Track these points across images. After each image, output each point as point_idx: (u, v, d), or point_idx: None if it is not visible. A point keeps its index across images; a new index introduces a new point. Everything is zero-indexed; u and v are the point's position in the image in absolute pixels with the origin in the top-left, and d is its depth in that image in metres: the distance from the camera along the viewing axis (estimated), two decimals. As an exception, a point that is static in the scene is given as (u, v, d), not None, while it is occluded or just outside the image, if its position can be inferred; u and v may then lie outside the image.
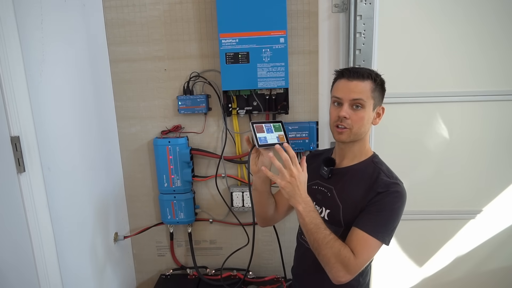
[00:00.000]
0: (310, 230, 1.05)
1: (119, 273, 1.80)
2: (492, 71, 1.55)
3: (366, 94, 1.11)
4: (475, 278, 1.77)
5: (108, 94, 1.72)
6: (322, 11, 1.53)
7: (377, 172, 1.13)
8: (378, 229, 1.06)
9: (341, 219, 1.14)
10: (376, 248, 1.07)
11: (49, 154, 1.27)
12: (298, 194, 1.04)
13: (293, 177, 1.04)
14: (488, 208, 1.68)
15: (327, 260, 1.03)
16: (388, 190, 1.08)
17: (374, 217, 1.08)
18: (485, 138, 1.61)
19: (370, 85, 1.11)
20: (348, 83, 1.12)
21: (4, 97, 1.07)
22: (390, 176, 1.13)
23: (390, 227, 1.09)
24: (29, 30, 1.21)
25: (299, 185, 1.05)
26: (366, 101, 1.11)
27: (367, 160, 1.18)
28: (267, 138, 1.11)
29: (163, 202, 1.75)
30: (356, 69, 1.14)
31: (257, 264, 1.85)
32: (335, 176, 1.20)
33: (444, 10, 1.51)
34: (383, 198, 1.08)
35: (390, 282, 1.80)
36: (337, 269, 1.02)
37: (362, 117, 1.11)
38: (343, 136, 1.13)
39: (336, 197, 1.16)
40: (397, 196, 1.09)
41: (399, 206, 1.09)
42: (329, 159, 1.23)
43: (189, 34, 1.66)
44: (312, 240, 1.05)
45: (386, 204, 1.08)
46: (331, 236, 1.04)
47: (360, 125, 1.12)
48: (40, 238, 1.19)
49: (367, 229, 1.06)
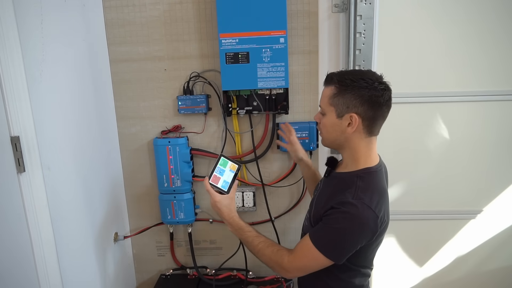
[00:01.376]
0: (245, 244, 1.19)
1: (119, 273, 1.80)
2: (492, 71, 1.55)
3: (324, 101, 1.09)
4: (476, 278, 1.77)
5: (108, 94, 1.72)
6: (322, 11, 1.53)
7: (349, 187, 1.06)
8: (322, 243, 1.03)
9: (311, 220, 1.15)
10: (318, 259, 1.04)
11: (49, 154, 1.27)
12: (222, 217, 1.21)
13: (215, 202, 1.20)
14: (488, 208, 1.68)
15: (266, 264, 1.15)
16: (340, 209, 1.01)
17: (323, 230, 1.05)
18: (486, 138, 1.61)
19: (332, 91, 1.06)
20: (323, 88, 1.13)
21: (4, 97, 1.07)
22: (356, 195, 1.02)
23: (337, 245, 1.03)
24: (29, 30, 1.21)
25: (221, 208, 1.19)
26: (324, 108, 1.09)
27: (354, 172, 1.10)
28: (225, 179, 1.24)
29: (163, 202, 1.75)
30: (330, 74, 1.10)
31: (257, 264, 1.84)
32: (327, 179, 1.21)
33: (444, 10, 1.51)
34: (333, 213, 1.03)
35: (390, 282, 1.80)
36: (277, 269, 1.12)
37: (324, 123, 1.11)
38: (321, 140, 1.18)
39: (315, 199, 1.19)
40: (346, 217, 1.00)
41: (348, 227, 1.00)
42: (332, 159, 1.23)
43: (189, 34, 1.66)
44: (250, 251, 1.19)
45: (331, 221, 1.03)
46: (260, 246, 1.14)
47: (325, 131, 1.12)
48: (40, 238, 1.19)
49: (313, 239, 1.05)
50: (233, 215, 1.20)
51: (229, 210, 1.20)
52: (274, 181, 1.75)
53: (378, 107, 1.04)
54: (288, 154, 1.72)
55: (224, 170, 1.24)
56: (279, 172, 1.76)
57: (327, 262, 1.04)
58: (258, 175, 1.72)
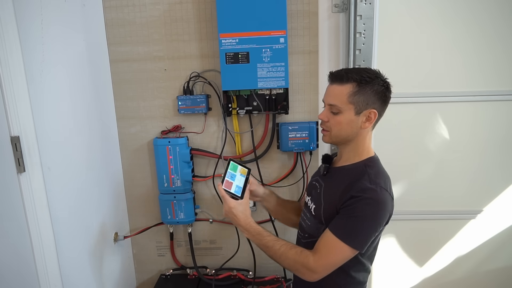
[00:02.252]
0: (263, 249, 1.14)
1: (119, 273, 1.80)
2: (492, 71, 1.55)
3: (341, 99, 1.08)
4: (476, 278, 1.77)
5: (108, 94, 1.72)
6: (322, 11, 1.53)
7: (361, 176, 1.09)
8: (345, 232, 1.05)
9: (321, 217, 1.14)
10: (344, 252, 1.05)
11: (49, 154, 1.27)
12: (238, 223, 1.16)
13: (226, 212, 1.17)
14: (488, 208, 1.68)
15: (290, 268, 1.11)
16: (362, 196, 1.04)
17: (345, 221, 1.06)
18: (486, 138, 1.61)
19: (350, 89, 1.07)
20: (329, 87, 1.12)
21: (4, 97, 1.07)
22: (372, 181, 1.07)
23: (362, 233, 1.05)
24: (29, 30, 1.21)
25: (237, 214, 1.15)
26: (341, 106, 1.08)
27: (360, 162, 1.14)
28: (238, 184, 1.21)
29: (163, 202, 1.75)
30: (339, 72, 1.11)
31: (257, 264, 1.84)
32: (329, 174, 1.21)
33: (444, 10, 1.51)
34: (354, 202, 1.05)
35: (390, 282, 1.80)
36: (302, 272, 1.08)
37: (339, 121, 1.10)
38: (325, 138, 1.16)
39: (322, 194, 1.17)
40: (369, 202, 1.04)
41: (372, 213, 1.05)
42: (327, 156, 1.24)
43: (189, 34, 1.66)
44: (270, 256, 1.13)
45: (356, 210, 1.04)
46: (282, 249, 1.10)
47: (338, 128, 1.11)
48: (40, 238, 1.19)
49: (336, 232, 1.05)
50: (250, 220, 1.16)
51: (245, 216, 1.16)
52: (274, 181, 1.75)
53: (387, 102, 1.12)
54: (288, 154, 1.72)
55: (235, 175, 1.21)
56: (279, 172, 1.76)
57: (352, 253, 1.06)
58: (258, 175, 1.72)
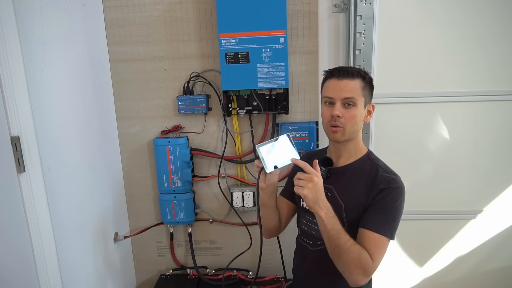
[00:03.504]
0: (331, 236, 1.04)
1: (119, 273, 1.80)
2: (492, 71, 1.55)
3: (357, 92, 1.11)
4: (476, 278, 1.76)
5: (108, 94, 1.72)
6: (322, 11, 1.53)
7: (375, 169, 1.15)
8: (385, 227, 1.08)
9: (344, 218, 1.13)
10: (386, 245, 1.09)
11: (49, 154, 1.27)
12: (321, 200, 1.04)
13: (314, 183, 1.03)
14: (489, 208, 1.68)
15: (346, 265, 1.04)
16: (390, 187, 1.10)
17: (380, 215, 1.09)
18: (486, 138, 1.61)
19: (360, 83, 1.12)
20: (339, 82, 1.12)
21: (4, 97, 1.07)
22: (388, 171, 1.15)
23: (395, 222, 1.11)
24: (29, 30, 1.21)
25: (320, 190, 1.04)
26: (357, 99, 1.11)
27: (363, 157, 1.19)
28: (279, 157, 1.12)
29: (163, 202, 1.75)
30: (344, 68, 1.15)
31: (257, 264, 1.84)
32: (333, 176, 1.19)
33: (444, 10, 1.51)
34: (386, 195, 1.09)
35: (391, 282, 1.80)
36: (357, 273, 1.03)
37: (354, 115, 1.12)
38: (337, 135, 1.14)
39: (338, 196, 1.16)
40: (398, 192, 1.10)
41: (401, 201, 1.11)
42: (326, 159, 1.23)
43: (189, 34, 1.66)
44: (333, 246, 1.04)
45: (389, 201, 1.09)
46: (350, 242, 1.04)
47: (353, 123, 1.13)
48: (40, 238, 1.19)
49: (376, 229, 1.07)
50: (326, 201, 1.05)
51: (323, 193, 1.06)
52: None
53: None
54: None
55: None
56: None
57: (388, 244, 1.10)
58: (258, 175, 1.71)
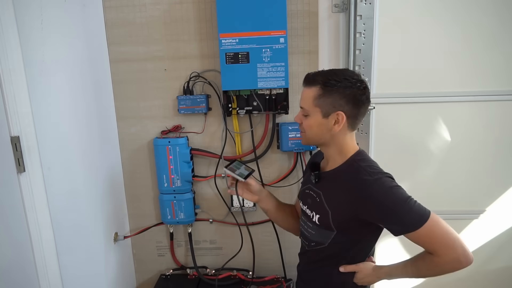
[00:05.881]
0: (413, 277, 1.16)
1: (119, 273, 1.80)
2: (493, 71, 1.55)
3: (307, 102, 1.10)
4: (478, 278, 1.76)
5: (108, 94, 1.72)
6: (322, 11, 1.54)
7: (357, 172, 1.07)
8: (414, 216, 1.01)
9: (331, 224, 1.12)
10: (434, 224, 1.03)
11: (49, 154, 1.27)
12: (376, 278, 1.16)
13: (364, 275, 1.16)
14: (491, 208, 1.67)
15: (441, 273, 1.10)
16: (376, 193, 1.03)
17: (399, 214, 1.02)
18: (488, 137, 1.61)
19: (315, 92, 1.07)
20: (303, 89, 1.13)
21: (4, 97, 1.07)
22: (371, 173, 1.06)
23: (411, 202, 1.04)
24: (29, 30, 1.21)
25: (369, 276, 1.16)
26: (308, 109, 1.10)
27: (349, 160, 1.13)
28: (242, 172, 1.29)
29: (163, 202, 1.75)
30: (308, 75, 1.11)
31: (257, 264, 1.84)
32: (322, 180, 1.18)
33: (445, 10, 1.51)
34: (382, 200, 1.02)
35: (393, 282, 1.80)
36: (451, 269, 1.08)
37: (309, 124, 1.11)
38: (302, 140, 1.18)
39: (324, 202, 1.15)
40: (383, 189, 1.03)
41: (393, 191, 1.04)
42: (314, 163, 1.24)
43: (189, 34, 1.66)
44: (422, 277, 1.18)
45: (388, 203, 1.02)
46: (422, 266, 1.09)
47: (310, 131, 1.12)
48: (40, 238, 1.19)
49: (413, 226, 1.01)
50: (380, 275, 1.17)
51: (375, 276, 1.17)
52: (274, 181, 1.75)
53: (361, 104, 1.09)
54: (288, 154, 1.72)
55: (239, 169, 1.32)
56: (279, 172, 1.76)
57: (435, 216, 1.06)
58: (258, 175, 1.72)
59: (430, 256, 1.05)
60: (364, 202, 1.04)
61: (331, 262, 1.18)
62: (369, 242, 1.18)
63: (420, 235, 1.02)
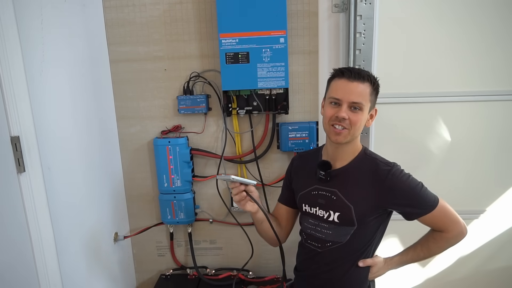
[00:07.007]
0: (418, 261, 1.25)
1: (119, 273, 1.80)
2: (494, 71, 1.54)
3: (365, 97, 1.10)
4: (479, 278, 1.76)
5: (108, 94, 1.72)
6: (322, 11, 1.53)
7: (374, 163, 1.17)
8: (430, 199, 1.15)
9: (353, 219, 1.14)
10: (442, 200, 1.18)
11: (49, 154, 1.27)
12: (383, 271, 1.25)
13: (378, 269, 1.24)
14: (491, 208, 1.67)
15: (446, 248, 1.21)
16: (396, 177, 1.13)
17: (419, 198, 1.14)
18: (488, 138, 1.61)
19: (369, 88, 1.11)
20: (348, 84, 1.10)
21: (4, 97, 1.07)
22: (387, 163, 1.17)
23: (424, 187, 1.17)
24: (29, 30, 1.21)
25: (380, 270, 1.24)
26: (364, 104, 1.10)
27: (360, 155, 1.20)
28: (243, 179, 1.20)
29: (163, 202, 1.75)
30: (356, 70, 1.13)
31: (257, 264, 1.84)
32: (334, 178, 1.19)
33: (445, 9, 1.50)
34: (401, 187, 1.13)
35: (393, 282, 1.80)
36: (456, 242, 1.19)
37: (359, 119, 1.11)
38: (340, 137, 1.12)
39: (344, 199, 1.15)
40: (403, 174, 1.15)
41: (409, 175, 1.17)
42: (324, 162, 1.21)
43: (189, 34, 1.66)
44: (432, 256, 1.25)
45: (406, 187, 1.13)
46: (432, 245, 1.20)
47: (357, 126, 1.12)
48: (40, 238, 1.19)
49: (431, 207, 1.14)
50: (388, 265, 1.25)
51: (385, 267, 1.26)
52: (274, 181, 1.75)
53: None
54: (288, 154, 1.72)
55: None
56: (279, 172, 1.76)
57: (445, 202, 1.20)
58: (258, 175, 1.72)
59: (440, 234, 1.17)
60: (387, 190, 1.12)
61: (349, 259, 1.20)
62: (381, 234, 1.24)
63: (434, 215, 1.14)
